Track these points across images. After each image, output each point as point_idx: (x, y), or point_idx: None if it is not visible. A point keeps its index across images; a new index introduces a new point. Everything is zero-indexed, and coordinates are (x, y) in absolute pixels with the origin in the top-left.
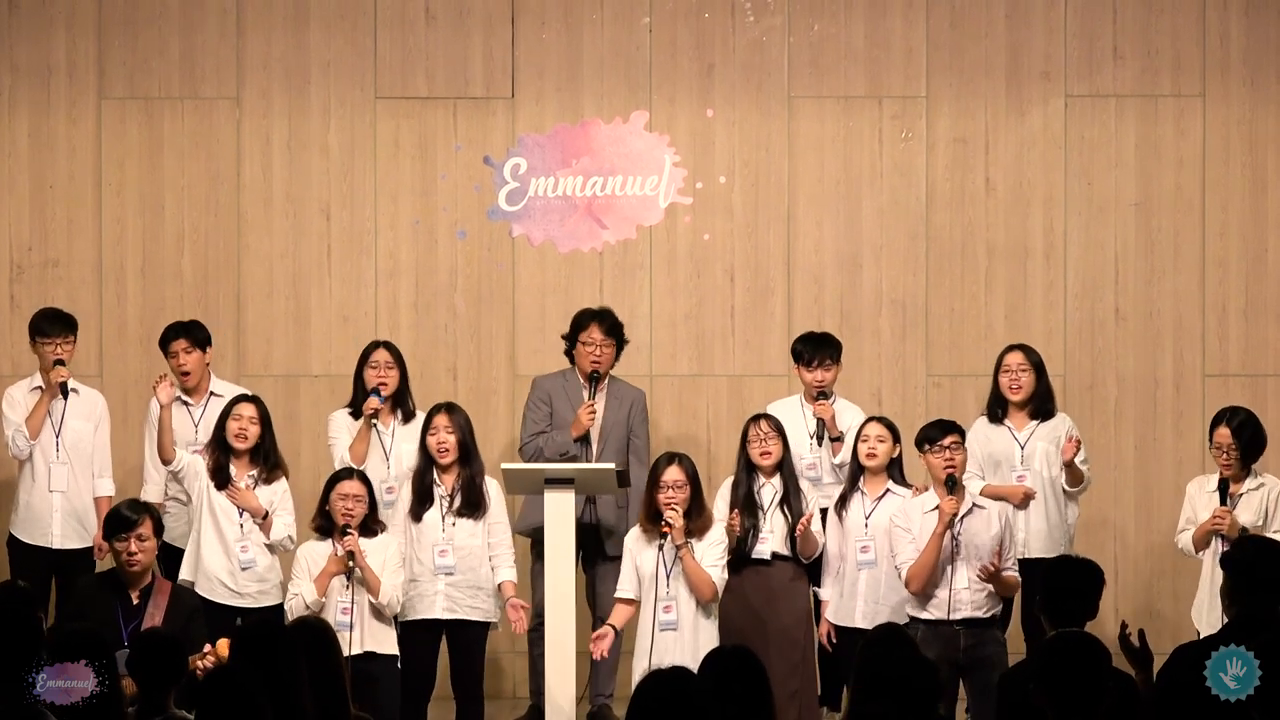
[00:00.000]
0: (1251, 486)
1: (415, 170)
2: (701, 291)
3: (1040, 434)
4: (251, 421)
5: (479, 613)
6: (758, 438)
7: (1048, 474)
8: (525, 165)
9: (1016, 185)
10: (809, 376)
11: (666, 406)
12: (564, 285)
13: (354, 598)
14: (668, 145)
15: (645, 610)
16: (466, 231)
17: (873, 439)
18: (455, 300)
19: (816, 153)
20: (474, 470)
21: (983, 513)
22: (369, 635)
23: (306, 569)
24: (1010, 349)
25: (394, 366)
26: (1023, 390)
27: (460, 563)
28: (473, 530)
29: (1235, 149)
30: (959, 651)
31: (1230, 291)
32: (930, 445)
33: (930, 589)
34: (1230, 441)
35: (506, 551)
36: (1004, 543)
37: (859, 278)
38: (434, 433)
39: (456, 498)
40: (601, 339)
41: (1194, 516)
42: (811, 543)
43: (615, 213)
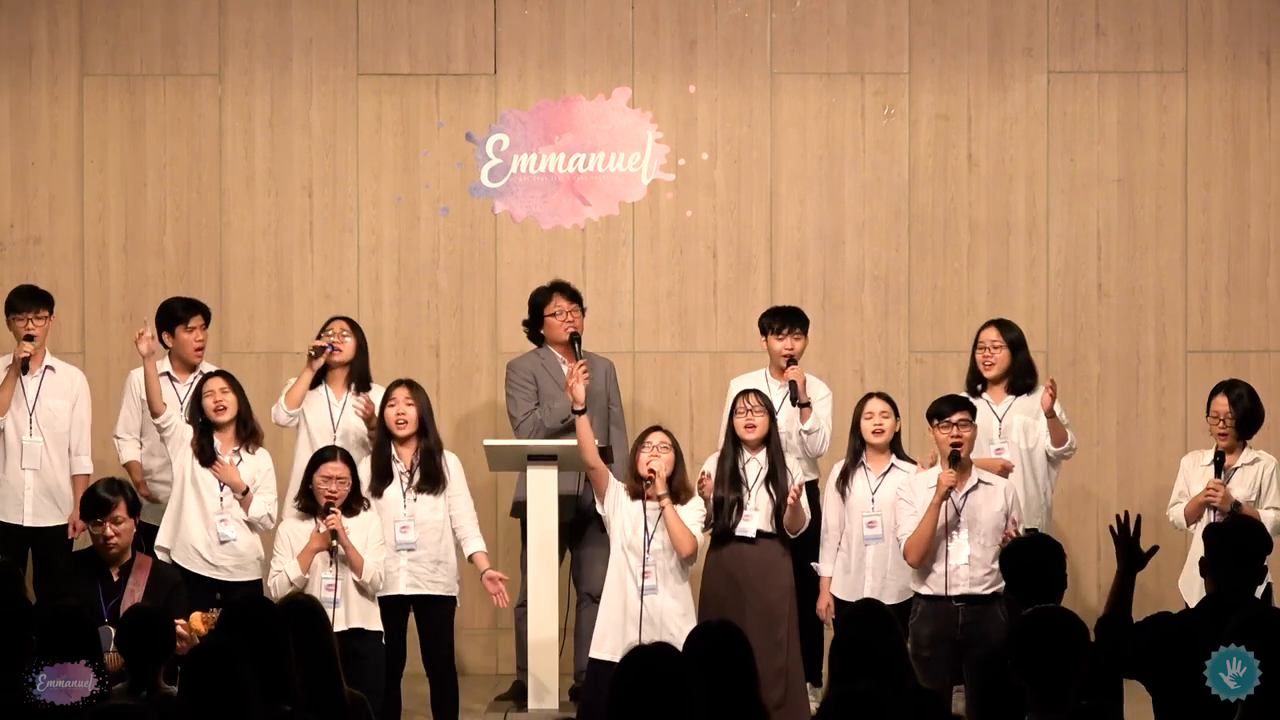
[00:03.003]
0: (1246, 461)
1: (397, 147)
2: (684, 268)
3: (1018, 407)
4: (224, 392)
5: (441, 587)
6: (745, 410)
7: (1025, 446)
8: (507, 141)
9: (999, 161)
10: (779, 345)
11: (649, 383)
12: (546, 262)
13: (338, 575)
14: (650, 122)
15: (625, 577)
16: (449, 208)
17: (877, 415)
18: (437, 277)
19: (799, 129)
20: (431, 444)
21: (988, 489)
22: (355, 612)
23: (289, 546)
24: (987, 324)
25: (350, 335)
26: (996, 367)
27: (422, 538)
28: (433, 505)
29: (1217, 125)
30: (956, 628)
31: (1212, 267)
32: (939, 420)
33: (929, 562)
34: (1227, 411)
35: (470, 522)
36: (1010, 519)
37: (841, 254)
38: (393, 404)
39: (415, 473)
40: (568, 306)
41: (1187, 490)
42: (800, 516)
43: (598, 189)
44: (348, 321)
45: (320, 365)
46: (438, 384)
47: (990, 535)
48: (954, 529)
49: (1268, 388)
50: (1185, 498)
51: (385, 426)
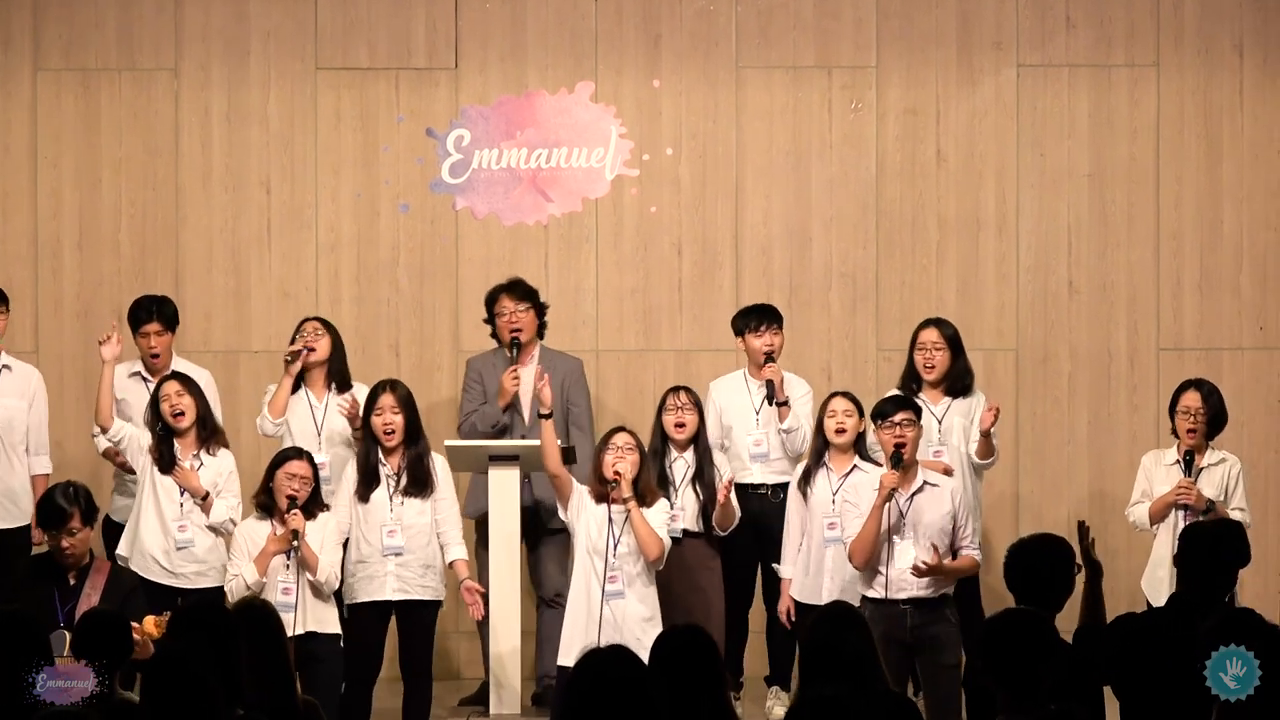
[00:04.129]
0: (1213, 461)
1: (356, 142)
2: (648, 265)
3: (956, 409)
4: (179, 395)
5: (429, 591)
6: (675, 407)
7: (964, 449)
8: (469, 137)
9: (968, 156)
10: (757, 342)
11: (613, 382)
12: (508, 259)
13: (296, 577)
14: (614, 117)
15: (590, 581)
16: (409, 205)
17: (840, 414)
18: (397, 275)
19: (765, 124)
20: (420, 448)
21: (934, 490)
22: (311, 615)
23: (245, 549)
24: (926, 324)
25: (323, 334)
26: (936, 370)
27: (409, 542)
28: (420, 509)
29: (1190, 119)
30: (905, 631)
31: (1185, 264)
32: (882, 420)
33: (875, 564)
34: (1199, 407)
35: (455, 529)
36: (957, 522)
37: (808, 251)
38: (379, 413)
39: (403, 477)
40: (514, 306)
41: (1149, 490)
42: (730, 513)
43: (560, 185)
44: (321, 321)
45: (298, 370)
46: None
47: (937, 538)
48: (897, 532)
49: (1240, 386)
50: (1147, 497)
51: (371, 432)
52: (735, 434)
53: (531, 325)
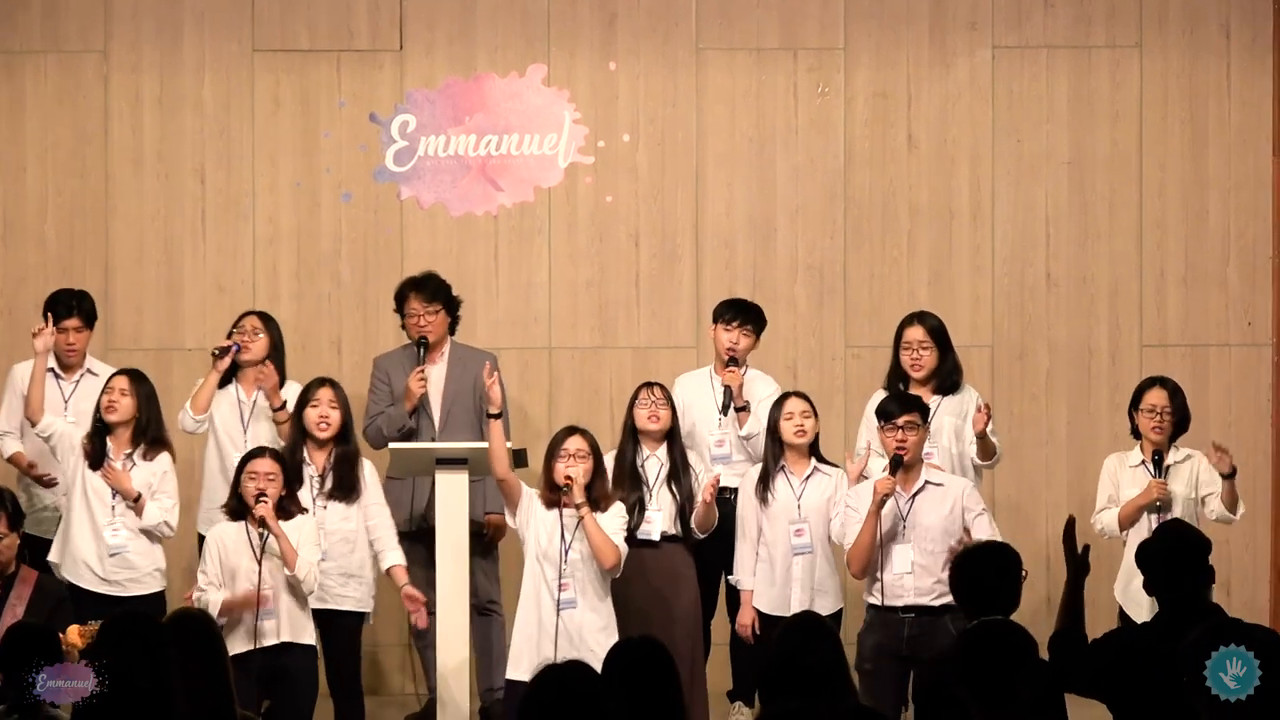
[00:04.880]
0: (1178, 459)
1: (296, 129)
2: (604, 258)
3: (947, 408)
4: (123, 394)
5: (351, 602)
6: (648, 401)
7: (956, 450)
8: (414, 123)
9: (941, 143)
10: (724, 337)
11: (567, 380)
12: (456, 251)
13: (268, 582)
14: (567, 101)
15: (540, 590)
16: (351, 194)
17: (798, 415)
18: (339, 268)
19: (727, 108)
20: (349, 450)
21: (936, 490)
22: (286, 624)
23: (217, 556)
24: (910, 320)
25: (262, 334)
26: (924, 369)
27: (332, 549)
28: (345, 514)
29: (1174, 103)
30: (902, 641)
31: (1169, 255)
32: (885, 421)
33: (874, 571)
34: (1166, 405)
35: (389, 533)
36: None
37: (772, 242)
38: (316, 405)
39: (328, 478)
40: (423, 307)
41: (1115, 495)
42: (712, 514)
43: (511, 174)
44: (260, 316)
45: (225, 367)
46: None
47: (939, 540)
48: (895, 536)
49: (1228, 384)
50: (1114, 503)
51: (302, 426)
52: (697, 433)
53: (441, 326)
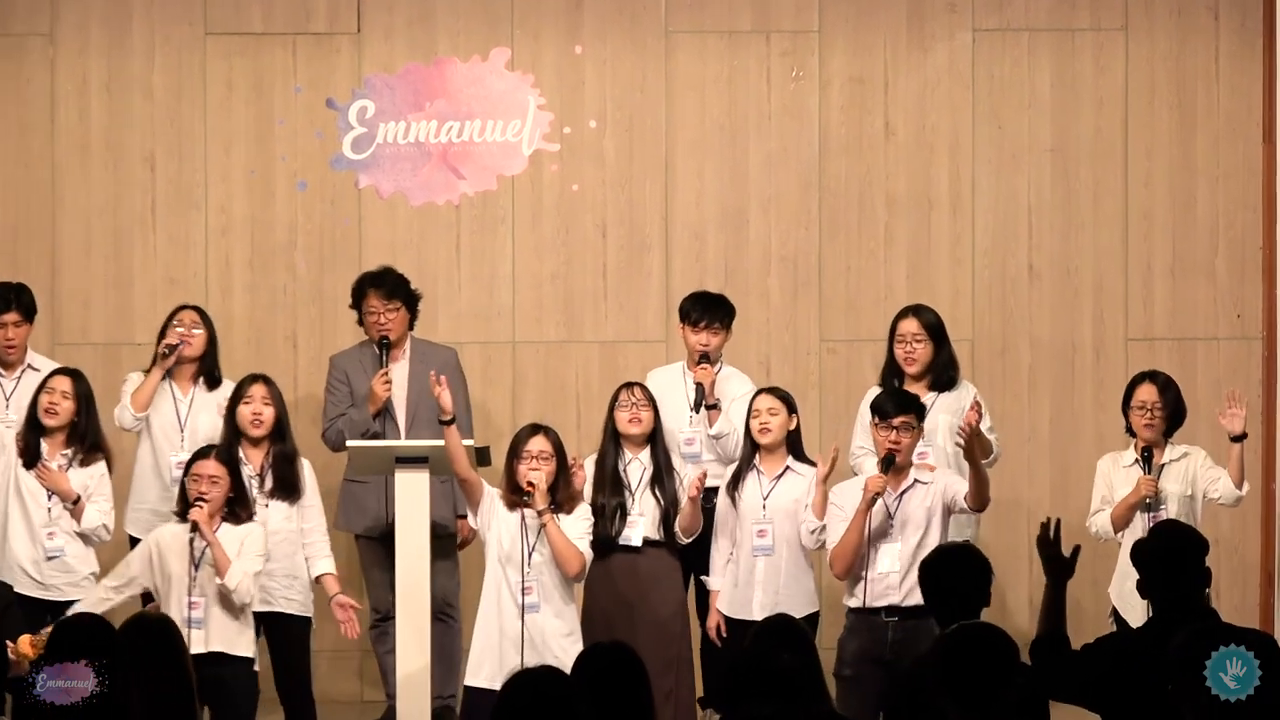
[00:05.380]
0: (1174, 456)
1: (250, 115)
2: (570, 249)
3: (942, 405)
4: (64, 396)
5: (296, 605)
6: (630, 403)
7: (951, 449)
8: (373, 109)
9: (919, 129)
10: (693, 339)
11: (531, 376)
12: (416, 242)
13: (201, 590)
14: (531, 86)
15: (502, 594)
16: (307, 183)
17: (764, 413)
18: (295, 260)
19: (697, 94)
20: (286, 448)
21: (923, 488)
22: (217, 633)
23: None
24: (904, 313)
25: (201, 328)
26: (918, 362)
27: (275, 549)
28: (287, 514)
29: (1160, 88)
30: (885, 646)
31: (1155, 246)
32: (879, 420)
33: (858, 571)
34: (1157, 400)
35: (323, 538)
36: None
37: (745, 233)
38: (249, 402)
39: (267, 477)
40: (382, 305)
41: (1109, 495)
42: (697, 517)
43: (473, 161)
44: (197, 311)
45: (172, 364)
46: (295, 378)
47: (916, 538)
48: (883, 535)
49: (1216, 379)
50: (1108, 504)
51: (235, 425)
52: (668, 431)
53: (402, 324)
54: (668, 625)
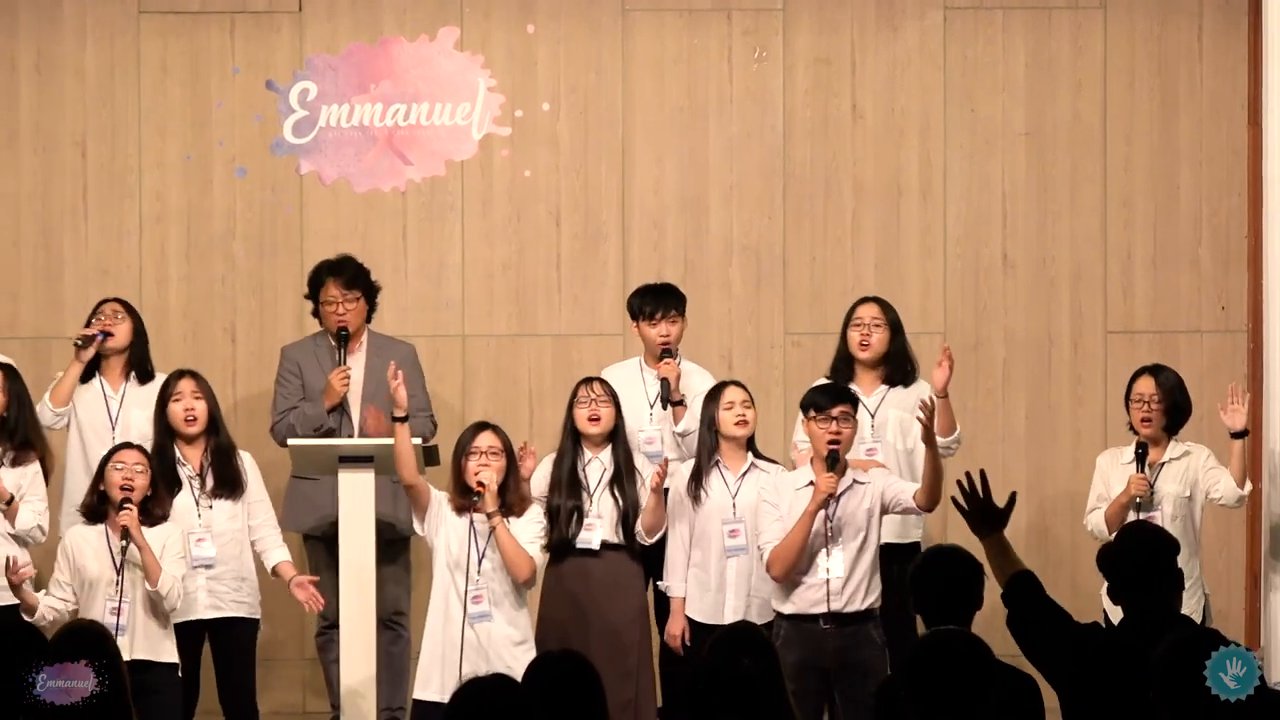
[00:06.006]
0: (1175, 455)
1: (186, 98)
2: (522, 238)
3: (893, 400)
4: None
5: (245, 608)
6: (589, 400)
7: (902, 446)
8: (315, 91)
9: (888, 113)
10: (652, 332)
11: (481, 371)
12: (361, 231)
13: (124, 594)
14: (482, 67)
15: (450, 601)
16: (246, 169)
17: (739, 404)
18: (234, 249)
19: (655, 76)
20: (222, 442)
21: (861, 489)
22: (142, 641)
23: (71, 561)
24: (863, 300)
25: (124, 318)
26: (872, 348)
27: (221, 551)
28: (232, 513)
29: (1141, 69)
30: (826, 655)
31: (1136, 235)
32: (816, 413)
33: (796, 576)
34: (1154, 393)
35: (273, 531)
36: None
37: (705, 222)
38: (179, 398)
39: (208, 476)
40: (342, 295)
41: (1106, 493)
42: (659, 515)
43: (421, 146)
44: (121, 303)
45: (90, 356)
46: (234, 373)
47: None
48: (822, 539)
49: (1200, 373)
50: (1105, 502)
51: (167, 424)
52: (627, 430)
53: (360, 316)
54: (626, 633)
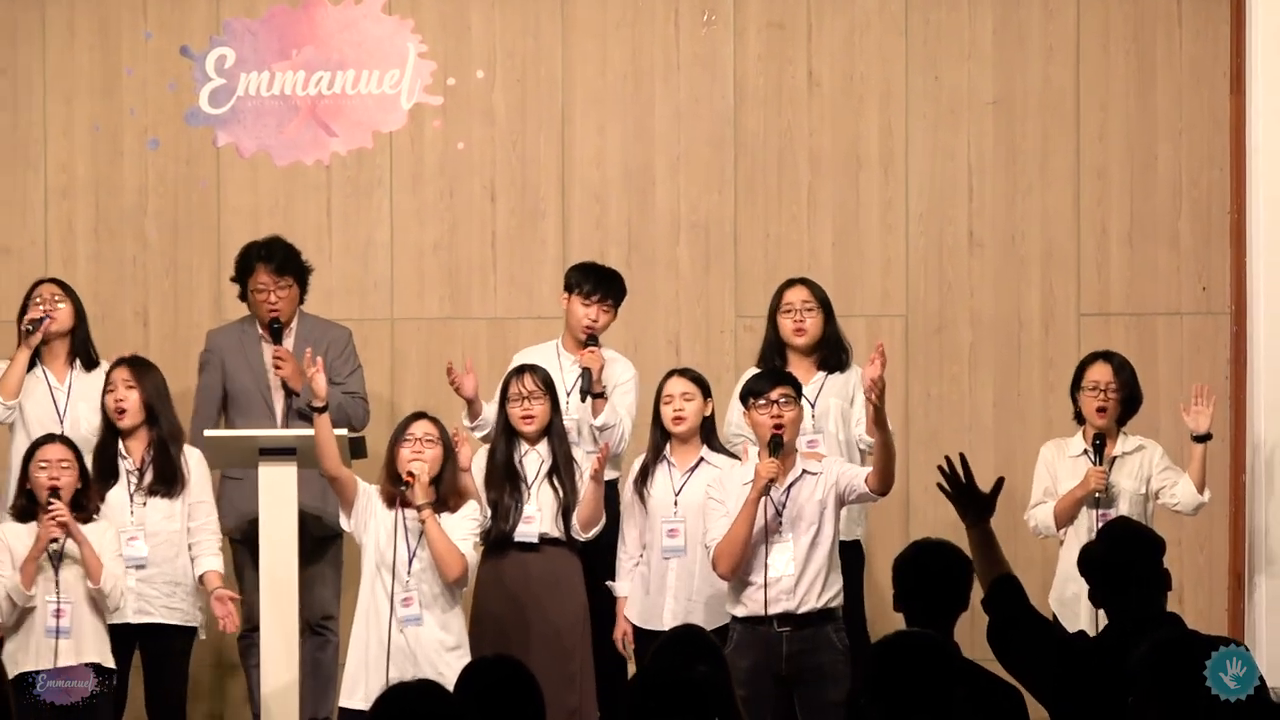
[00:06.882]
0: (1128, 449)
1: (94, 64)
2: (455, 214)
3: (831, 388)
4: None
5: (179, 615)
6: (519, 396)
7: (843, 435)
8: (233, 57)
9: (846, 80)
10: (583, 311)
11: (412, 357)
12: (282, 207)
13: (62, 596)
14: (411, 32)
15: (379, 603)
16: (159, 140)
17: (677, 397)
18: (145, 226)
19: (597, 41)
20: (166, 435)
21: (813, 480)
22: (91, 643)
23: (8, 555)
24: (791, 284)
25: (64, 300)
26: (808, 333)
27: (154, 552)
28: (168, 512)
29: (1117, 33)
30: (781, 659)
31: (1111, 210)
32: (756, 399)
33: (744, 574)
34: (1110, 380)
35: (211, 537)
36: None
37: (651, 196)
38: (112, 389)
39: (147, 472)
40: (273, 282)
41: (1052, 487)
42: (597, 507)
43: (346, 116)
44: (58, 284)
45: (37, 342)
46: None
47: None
48: (775, 533)
49: (1179, 358)
50: (1051, 496)
51: (108, 418)
52: None
53: (293, 303)
54: (567, 634)
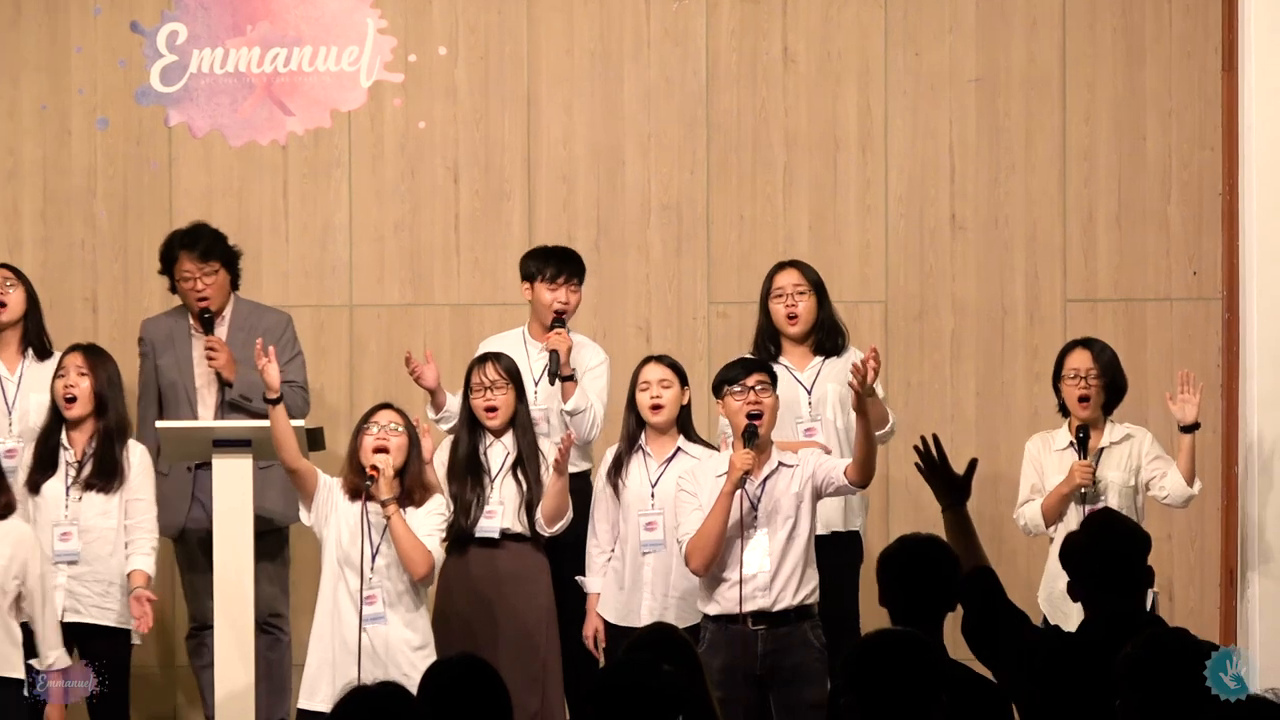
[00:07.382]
0: (1115, 439)
1: (41, 41)
2: (417, 196)
3: (829, 374)
4: None
5: (113, 616)
6: (481, 387)
7: (842, 423)
8: (185, 33)
9: (823, 57)
10: (550, 296)
11: (371, 345)
12: (237, 188)
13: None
14: (371, 6)
15: (341, 601)
16: (109, 120)
17: (654, 384)
18: (95, 209)
19: (564, 16)
20: (112, 428)
21: (789, 472)
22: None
23: None
24: (781, 267)
25: (15, 285)
26: (801, 318)
27: (88, 549)
28: (105, 508)
29: (1104, 8)
30: (756, 659)
31: (1099, 193)
32: (730, 387)
33: (718, 570)
34: (1091, 367)
35: (146, 536)
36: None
37: (620, 177)
38: (63, 375)
39: (87, 465)
40: (198, 269)
41: (1040, 484)
42: (562, 500)
43: (303, 95)
44: (9, 269)
45: None
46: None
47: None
48: (750, 527)
49: (1169, 345)
50: (1038, 493)
51: (56, 405)
52: None
53: (222, 289)
54: (533, 632)
